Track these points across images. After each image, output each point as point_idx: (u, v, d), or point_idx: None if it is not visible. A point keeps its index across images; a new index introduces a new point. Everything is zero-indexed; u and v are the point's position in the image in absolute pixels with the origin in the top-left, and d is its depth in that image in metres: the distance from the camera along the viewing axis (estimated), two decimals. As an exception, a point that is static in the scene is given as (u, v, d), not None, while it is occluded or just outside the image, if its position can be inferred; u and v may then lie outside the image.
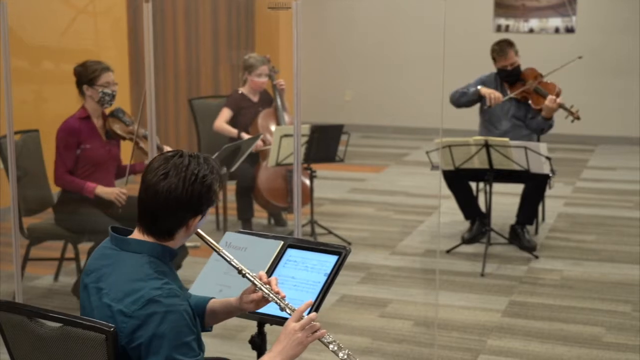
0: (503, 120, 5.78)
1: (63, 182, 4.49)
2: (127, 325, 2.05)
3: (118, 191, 4.49)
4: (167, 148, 4.61)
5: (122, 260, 2.17)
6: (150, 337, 2.03)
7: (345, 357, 2.26)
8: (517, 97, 5.71)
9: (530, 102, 5.70)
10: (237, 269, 2.36)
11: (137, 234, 2.22)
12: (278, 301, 2.32)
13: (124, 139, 4.66)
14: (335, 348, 2.27)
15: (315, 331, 2.26)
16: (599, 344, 4.14)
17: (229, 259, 2.37)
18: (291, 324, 2.25)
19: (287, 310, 2.31)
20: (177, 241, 2.24)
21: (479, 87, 5.73)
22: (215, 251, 2.38)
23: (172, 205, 2.15)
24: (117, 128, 4.59)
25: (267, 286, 2.34)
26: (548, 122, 5.65)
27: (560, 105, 5.55)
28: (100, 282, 2.16)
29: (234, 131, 5.92)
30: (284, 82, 6.17)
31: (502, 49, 5.74)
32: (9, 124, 3.91)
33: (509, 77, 5.73)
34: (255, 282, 2.34)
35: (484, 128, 5.86)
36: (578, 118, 5.62)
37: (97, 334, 1.99)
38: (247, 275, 2.35)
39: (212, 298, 2.52)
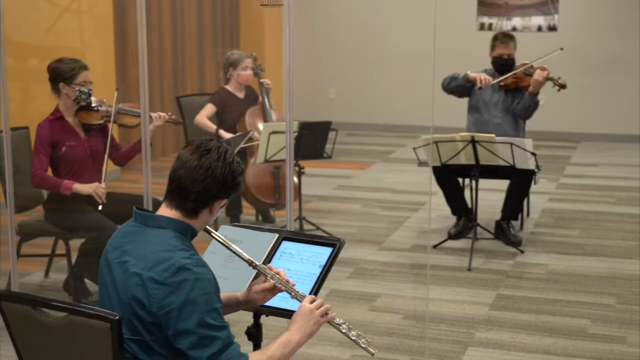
0: (492, 110, 5.86)
1: (39, 181, 4.45)
2: (159, 292, 2.15)
3: (96, 186, 4.44)
4: (158, 114, 4.67)
5: (148, 235, 2.28)
6: (182, 303, 2.14)
7: (356, 337, 2.39)
8: (507, 84, 5.78)
9: (519, 84, 5.77)
10: (247, 261, 2.44)
11: (163, 210, 2.33)
12: (289, 289, 2.42)
13: (103, 124, 4.65)
14: (346, 329, 2.38)
15: (327, 313, 2.38)
16: (584, 336, 4.22)
17: (238, 253, 2.45)
18: (306, 305, 2.37)
19: (298, 298, 2.41)
20: (200, 221, 2.35)
21: (467, 72, 5.81)
22: (225, 245, 2.46)
23: (208, 181, 2.27)
24: (88, 119, 4.59)
25: (277, 276, 2.43)
26: (534, 99, 5.71)
27: (549, 78, 5.64)
28: (125, 256, 2.25)
29: (212, 127, 5.94)
30: (270, 82, 6.19)
31: (505, 36, 5.88)
32: (5, 121, 3.92)
33: (504, 66, 5.81)
34: (266, 272, 2.43)
35: (472, 119, 5.91)
36: (564, 86, 5.71)
37: (102, 323, 2.03)
38: (257, 266, 2.44)
39: None
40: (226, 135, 5.84)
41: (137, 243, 2.27)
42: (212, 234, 2.45)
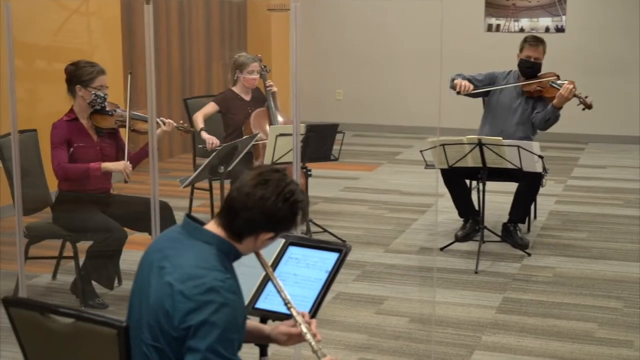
0: (509, 116, 5.83)
1: (65, 171, 4.49)
2: (184, 306, 2.14)
3: (124, 164, 4.54)
4: (168, 120, 4.71)
5: (191, 246, 2.27)
6: (201, 322, 2.13)
7: None
8: (530, 90, 5.76)
9: (542, 94, 5.75)
10: (284, 300, 2.42)
11: (211, 226, 2.32)
12: (313, 343, 2.37)
13: (115, 129, 4.69)
14: None
15: None
16: (591, 340, 4.21)
17: (279, 288, 2.42)
18: None
19: (318, 355, 2.36)
20: (244, 247, 2.33)
21: (455, 79, 5.77)
22: (267, 274, 2.44)
23: (257, 212, 2.24)
24: (102, 123, 4.63)
25: (307, 325, 2.40)
26: (556, 112, 5.69)
27: (575, 95, 5.62)
28: (164, 261, 2.24)
29: (199, 126, 5.92)
30: (274, 85, 6.19)
31: (535, 40, 5.85)
32: (13, 123, 3.94)
33: (530, 69, 5.78)
34: (297, 318, 2.41)
35: (486, 123, 5.90)
36: (590, 107, 5.70)
37: (109, 329, 2.04)
38: (291, 309, 2.41)
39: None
40: (207, 136, 5.81)
41: (178, 251, 2.26)
42: (261, 261, 2.42)
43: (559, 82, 5.74)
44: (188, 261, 2.22)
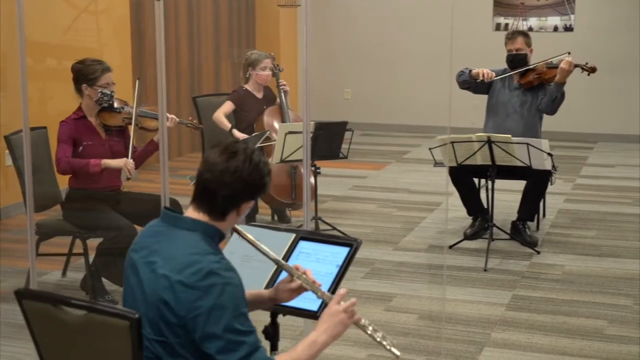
0: (510, 112, 5.83)
1: (66, 166, 4.51)
2: (188, 295, 2.16)
3: (125, 160, 4.54)
4: (171, 116, 4.70)
5: (176, 236, 2.28)
6: (210, 307, 2.14)
7: (381, 339, 2.37)
8: (529, 81, 5.75)
9: (543, 78, 5.73)
10: (274, 260, 2.45)
11: (190, 212, 2.33)
12: (315, 290, 2.41)
13: (123, 126, 4.70)
14: (371, 331, 2.36)
15: (354, 315, 2.37)
16: (601, 337, 4.21)
17: (265, 252, 2.45)
18: (334, 306, 2.36)
19: (325, 299, 2.40)
20: (227, 224, 2.35)
21: (470, 70, 5.80)
22: (252, 244, 2.46)
23: (236, 184, 2.28)
24: (110, 120, 4.64)
25: (304, 276, 2.43)
26: (560, 89, 5.66)
27: (576, 65, 5.62)
28: (152, 256, 2.25)
29: (227, 125, 5.98)
30: (287, 84, 6.24)
31: (512, 33, 5.94)
32: (24, 121, 3.95)
33: (512, 61, 5.80)
34: (293, 272, 2.44)
35: (489, 123, 5.91)
36: (594, 70, 5.69)
37: (121, 321, 2.05)
38: (284, 266, 2.44)
39: None
40: (239, 135, 5.88)
41: (165, 244, 2.27)
42: (241, 233, 2.44)
43: (554, 60, 5.74)
44: (179, 251, 2.23)
